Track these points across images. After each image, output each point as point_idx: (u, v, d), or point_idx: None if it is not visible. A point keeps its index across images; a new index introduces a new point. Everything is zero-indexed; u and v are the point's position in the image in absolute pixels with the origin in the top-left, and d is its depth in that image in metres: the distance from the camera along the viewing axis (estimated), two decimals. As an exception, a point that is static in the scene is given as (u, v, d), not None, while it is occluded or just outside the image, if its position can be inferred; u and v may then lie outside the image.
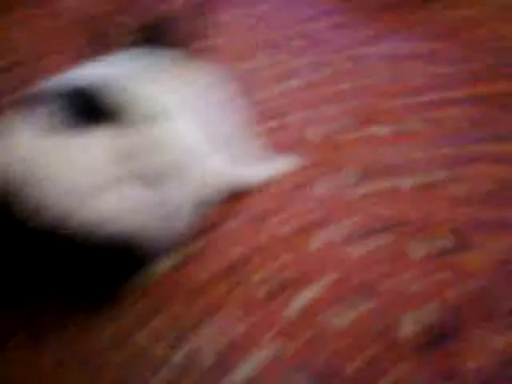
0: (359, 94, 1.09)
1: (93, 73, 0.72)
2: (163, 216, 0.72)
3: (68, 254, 0.64)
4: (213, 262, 0.80)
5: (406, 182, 0.89)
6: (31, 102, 0.68)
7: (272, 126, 1.04)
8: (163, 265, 0.79)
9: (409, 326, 0.69)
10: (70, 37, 1.08)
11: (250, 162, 0.90)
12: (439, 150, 0.95)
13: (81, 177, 0.64)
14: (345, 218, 0.84)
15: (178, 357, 0.68)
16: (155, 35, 0.80)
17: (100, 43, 0.79)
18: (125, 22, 0.82)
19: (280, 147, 0.96)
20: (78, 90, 0.68)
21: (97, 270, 0.68)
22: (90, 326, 0.72)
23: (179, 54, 0.81)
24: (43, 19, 1.42)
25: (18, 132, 0.65)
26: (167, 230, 0.74)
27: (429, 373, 0.64)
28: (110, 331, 0.71)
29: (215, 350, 0.68)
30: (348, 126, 1.01)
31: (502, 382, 0.62)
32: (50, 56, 1.25)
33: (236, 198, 0.88)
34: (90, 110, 0.66)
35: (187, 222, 0.78)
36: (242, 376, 0.65)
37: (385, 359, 0.66)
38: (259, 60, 1.22)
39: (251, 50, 1.26)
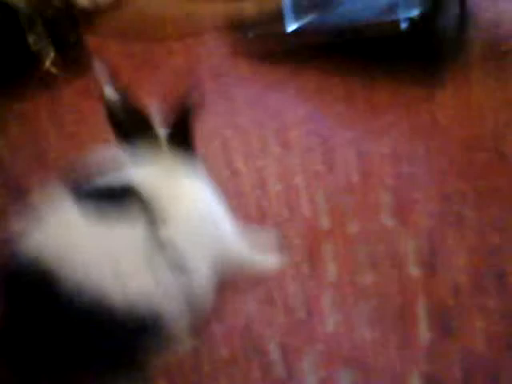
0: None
1: (130, 174, 0.83)
2: (190, 297, 0.79)
3: (103, 333, 0.70)
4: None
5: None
6: (78, 189, 0.77)
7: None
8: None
9: None
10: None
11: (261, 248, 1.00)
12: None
13: (118, 261, 0.71)
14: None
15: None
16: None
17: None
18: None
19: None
20: (120, 187, 0.78)
21: (128, 347, 0.74)
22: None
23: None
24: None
25: (62, 215, 0.74)
26: (194, 310, 0.80)
27: None
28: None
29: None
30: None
31: None
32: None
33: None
34: (127, 204, 0.75)
35: (211, 302, 0.86)
36: None
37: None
38: (239, 166, 1.33)
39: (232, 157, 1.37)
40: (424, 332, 0.86)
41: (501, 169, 1.25)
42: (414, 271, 0.98)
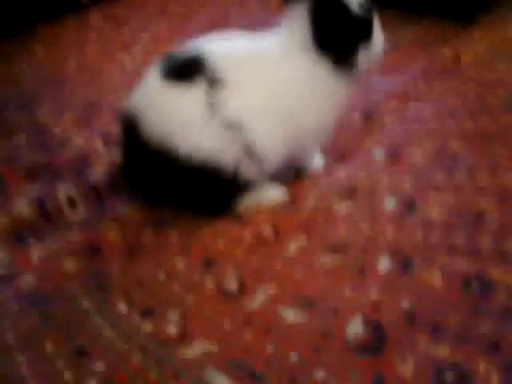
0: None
1: (214, 44, 0.95)
2: (251, 153, 0.92)
3: (174, 170, 0.91)
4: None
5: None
6: (168, 58, 0.95)
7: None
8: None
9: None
10: None
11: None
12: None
13: (182, 115, 0.90)
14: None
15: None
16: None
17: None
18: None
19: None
20: (194, 55, 0.93)
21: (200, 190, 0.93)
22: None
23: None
24: None
25: (148, 79, 0.95)
26: (252, 168, 0.94)
27: (363, 371, 0.72)
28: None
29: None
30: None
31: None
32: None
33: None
34: (196, 69, 0.91)
35: (272, 165, 0.97)
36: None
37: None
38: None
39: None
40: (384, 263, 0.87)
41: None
42: (390, 205, 0.97)
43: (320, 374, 0.72)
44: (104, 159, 1.11)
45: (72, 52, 1.53)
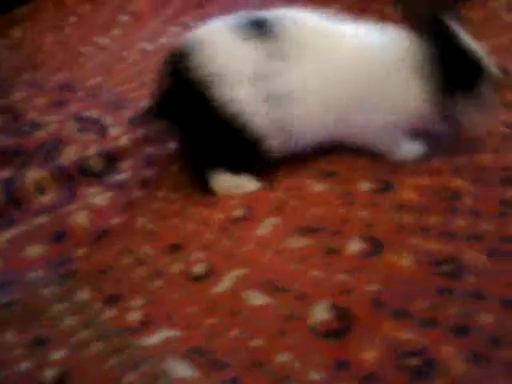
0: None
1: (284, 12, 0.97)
2: (284, 128, 0.93)
3: (205, 112, 0.92)
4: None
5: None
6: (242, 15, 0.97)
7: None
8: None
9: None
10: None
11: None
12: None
13: (234, 66, 0.91)
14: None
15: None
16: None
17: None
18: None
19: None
20: (270, 19, 0.94)
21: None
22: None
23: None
24: None
25: (215, 22, 0.97)
26: (277, 142, 0.94)
27: (327, 355, 0.70)
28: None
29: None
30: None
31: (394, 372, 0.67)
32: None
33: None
34: (265, 32, 0.92)
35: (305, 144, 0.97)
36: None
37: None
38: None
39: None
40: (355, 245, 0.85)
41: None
42: (365, 188, 0.95)
43: (284, 358, 0.70)
44: (77, 143, 1.09)
45: (49, 35, 1.50)
